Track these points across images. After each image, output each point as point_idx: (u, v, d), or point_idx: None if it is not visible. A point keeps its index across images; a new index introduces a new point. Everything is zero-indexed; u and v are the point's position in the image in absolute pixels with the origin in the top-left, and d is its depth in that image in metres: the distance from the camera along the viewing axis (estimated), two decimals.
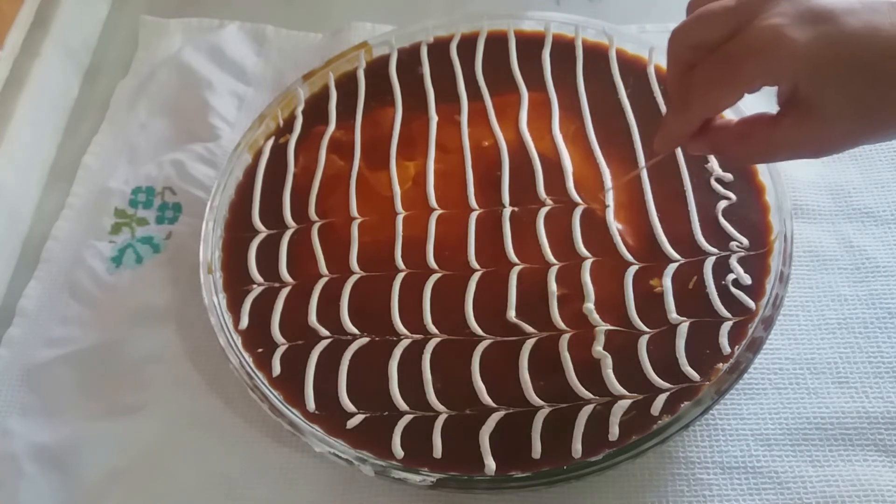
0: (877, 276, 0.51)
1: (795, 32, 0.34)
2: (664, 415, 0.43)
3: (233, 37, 0.67)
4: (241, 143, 0.56)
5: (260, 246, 0.53)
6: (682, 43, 0.38)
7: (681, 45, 0.38)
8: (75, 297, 0.55)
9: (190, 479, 0.47)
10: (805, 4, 0.34)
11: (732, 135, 0.39)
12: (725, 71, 0.36)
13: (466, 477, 0.43)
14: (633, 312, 0.47)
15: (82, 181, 0.61)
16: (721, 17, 0.36)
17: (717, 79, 0.36)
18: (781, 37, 0.34)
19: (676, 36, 0.38)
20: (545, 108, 0.56)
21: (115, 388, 0.51)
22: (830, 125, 0.35)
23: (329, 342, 0.48)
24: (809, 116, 0.35)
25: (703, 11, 0.37)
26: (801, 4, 0.34)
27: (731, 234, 0.49)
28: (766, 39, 0.34)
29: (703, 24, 0.37)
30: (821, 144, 0.37)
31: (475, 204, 0.52)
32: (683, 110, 0.39)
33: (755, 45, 0.35)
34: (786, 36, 0.34)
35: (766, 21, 0.34)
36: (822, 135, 0.36)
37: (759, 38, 0.35)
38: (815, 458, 0.45)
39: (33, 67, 0.61)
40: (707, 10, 0.37)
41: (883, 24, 0.33)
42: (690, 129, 0.39)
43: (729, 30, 0.36)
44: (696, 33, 0.37)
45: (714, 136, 0.40)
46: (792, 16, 0.34)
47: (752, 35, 0.35)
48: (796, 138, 0.37)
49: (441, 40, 0.60)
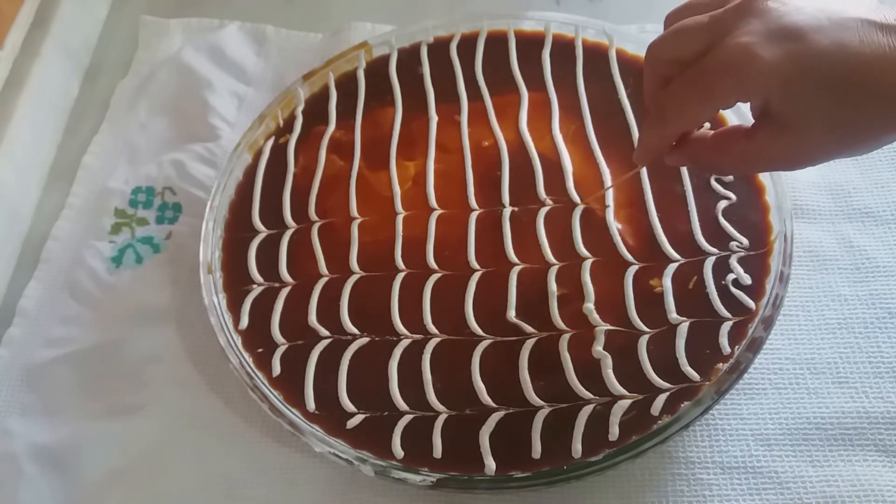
0: (877, 276, 0.51)
1: (765, 50, 0.34)
2: (664, 415, 0.43)
3: (233, 37, 0.67)
4: (241, 143, 0.56)
5: (260, 246, 0.53)
6: (658, 57, 0.39)
7: (657, 59, 0.39)
8: (75, 297, 0.55)
9: (190, 479, 0.47)
10: (775, 23, 0.35)
11: (709, 147, 0.40)
12: (699, 87, 0.36)
13: (466, 477, 0.43)
14: (633, 312, 0.47)
15: (82, 181, 0.61)
16: (695, 32, 0.37)
17: (691, 94, 0.37)
18: (752, 55, 0.34)
19: (652, 50, 0.39)
20: (545, 108, 0.56)
21: (115, 388, 0.51)
22: (803, 139, 0.36)
23: (329, 342, 0.48)
24: (782, 131, 0.36)
25: (678, 27, 0.38)
26: (772, 22, 0.35)
27: (731, 234, 0.49)
28: (737, 57, 0.35)
29: (678, 40, 0.38)
30: (795, 157, 0.37)
31: (475, 204, 0.52)
32: (660, 124, 0.39)
33: (727, 63, 0.35)
34: (756, 54, 0.34)
35: (737, 39, 0.35)
36: (795, 148, 0.37)
37: (730, 55, 0.35)
38: (815, 458, 0.45)
39: (33, 67, 0.61)
40: (682, 25, 0.38)
41: (851, 41, 0.34)
42: (667, 143, 0.40)
43: (703, 46, 0.36)
44: (671, 48, 0.38)
45: (691, 148, 0.41)
46: (762, 34, 0.35)
47: (723, 52, 0.35)
48: (771, 151, 0.37)
49: (441, 40, 0.60)
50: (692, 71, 0.37)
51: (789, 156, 0.37)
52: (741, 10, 0.36)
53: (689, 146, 0.41)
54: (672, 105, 0.38)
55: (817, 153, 0.37)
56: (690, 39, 0.37)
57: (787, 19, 0.35)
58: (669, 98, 0.38)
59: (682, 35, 0.38)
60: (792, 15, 0.35)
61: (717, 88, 0.36)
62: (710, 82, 0.36)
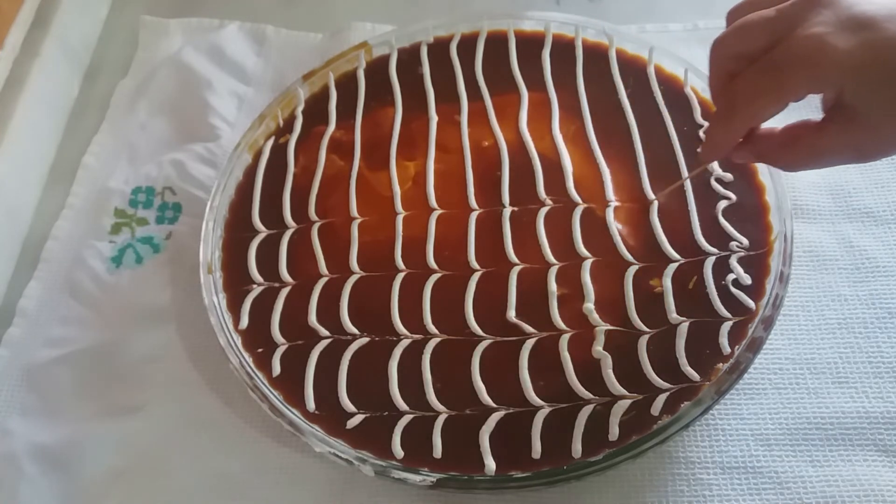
0: (877, 276, 0.51)
1: (838, 40, 0.34)
2: (664, 415, 0.43)
3: (233, 37, 0.67)
4: (241, 143, 0.56)
5: (260, 246, 0.53)
6: (724, 53, 0.39)
7: (722, 55, 0.39)
8: (75, 297, 0.55)
9: (190, 479, 0.47)
10: (846, 12, 0.35)
11: (777, 142, 0.40)
12: (770, 80, 0.36)
13: (466, 477, 0.43)
14: (633, 312, 0.47)
15: (82, 181, 0.61)
16: (762, 27, 0.37)
17: (761, 88, 0.37)
18: (825, 45, 0.34)
19: (718, 46, 0.39)
20: (545, 108, 0.56)
21: (115, 388, 0.51)
22: (876, 131, 0.36)
23: (329, 342, 0.48)
24: (854, 122, 0.36)
25: (743, 22, 0.38)
26: (843, 12, 0.35)
27: (731, 234, 0.49)
28: (810, 48, 0.35)
29: (745, 35, 0.38)
30: (867, 149, 0.37)
31: (475, 204, 0.52)
32: (728, 120, 0.39)
33: (799, 54, 0.35)
34: (829, 44, 0.34)
35: (808, 30, 0.35)
36: (867, 140, 0.37)
37: (802, 46, 0.35)
38: (815, 458, 0.45)
39: (33, 67, 0.61)
40: (748, 20, 0.38)
41: None
42: (735, 139, 0.40)
43: (770, 40, 0.36)
44: (737, 43, 0.38)
45: (758, 143, 0.41)
46: (834, 24, 0.35)
47: (795, 44, 0.35)
48: (842, 144, 0.37)
49: (441, 40, 0.60)
50: (761, 64, 0.36)
51: (861, 148, 0.37)
52: (810, 2, 0.36)
53: (757, 142, 0.41)
54: (741, 99, 0.38)
55: (890, 144, 0.37)
56: (757, 33, 0.37)
57: (858, 9, 0.35)
58: (738, 92, 0.38)
59: (748, 29, 0.38)
60: (862, 4, 0.35)
61: (789, 80, 0.36)
62: (781, 74, 0.36)
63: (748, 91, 0.37)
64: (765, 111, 0.38)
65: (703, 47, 0.62)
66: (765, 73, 0.37)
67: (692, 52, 0.58)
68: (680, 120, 0.54)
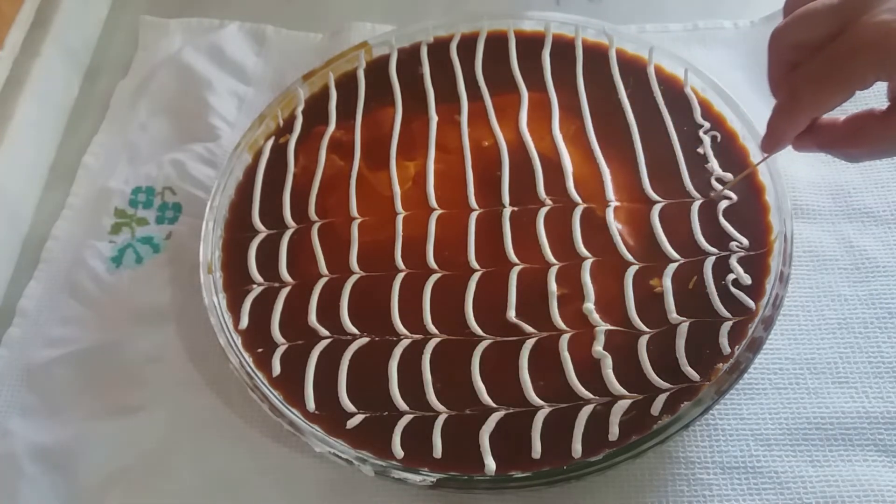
0: (877, 276, 0.51)
1: None
2: (664, 415, 0.43)
3: (233, 37, 0.67)
4: (241, 143, 0.56)
5: (260, 246, 0.53)
6: (784, 42, 0.38)
7: (783, 44, 0.38)
8: (75, 297, 0.55)
9: (190, 479, 0.47)
10: None
11: (841, 132, 0.40)
12: (835, 68, 0.36)
13: (466, 477, 0.43)
14: (633, 312, 0.47)
15: (82, 181, 0.61)
16: (825, 15, 0.37)
17: (826, 77, 0.36)
18: (893, 31, 0.34)
19: (777, 35, 0.39)
20: (545, 108, 0.56)
21: (115, 388, 0.51)
22: None
23: (329, 342, 0.48)
24: None
25: (805, 11, 0.37)
26: None
27: (731, 234, 0.49)
28: (879, 34, 0.34)
29: (806, 23, 0.37)
30: None
31: (475, 204, 0.52)
32: (791, 110, 0.38)
33: (867, 41, 0.35)
34: None
35: (876, 17, 0.35)
36: None
37: (871, 32, 0.35)
38: (815, 457, 0.45)
39: (33, 67, 0.61)
40: (809, 8, 0.37)
41: None
42: (798, 129, 0.39)
43: (833, 28, 0.36)
44: (798, 32, 0.38)
45: (821, 133, 0.40)
46: None
47: (862, 31, 0.35)
48: None
49: (441, 40, 0.60)
50: (827, 52, 0.36)
51: None
52: None
53: (820, 132, 0.40)
54: (805, 89, 0.37)
55: None
56: (820, 21, 0.37)
57: None
58: (802, 82, 0.37)
59: (810, 18, 0.37)
60: None
61: (856, 68, 0.35)
62: (847, 62, 0.35)
63: (813, 80, 0.37)
64: (830, 100, 0.37)
65: (703, 47, 0.63)
66: (830, 61, 0.36)
67: (692, 52, 0.58)
68: (680, 120, 0.54)
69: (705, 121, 0.54)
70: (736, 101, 0.53)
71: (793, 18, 0.38)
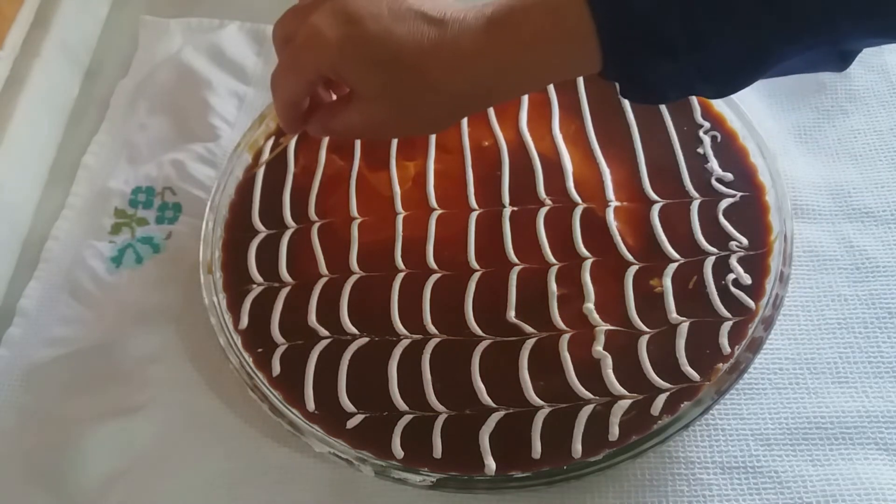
0: (877, 276, 0.51)
1: (330, 31, 0.39)
2: (664, 415, 0.43)
3: (233, 37, 0.67)
4: (241, 143, 0.56)
5: (260, 246, 0.53)
6: (274, 36, 0.44)
7: (273, 37, 0.44)
8: (75, 297, 0.55)
9: (190, 479, 0.47)
10: (342, 10, 0.39)
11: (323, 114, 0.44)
12: (291, 60, 0.42)
13: (466, 477, 0.43)
14: (633, 312, 0.47)
15: (82, 181, 0.61)
16: (293, 13, 0.42)
17: (285, 68, 0.42)
18: (319, 34, 0.39)
19: (274, 30, 0.43)
20: (545, 108, 0.56)
21: (115, 388, 0.51)
22: (375, 108, 0.40)
23: (329, 342, 0.48)
24: (358, 100, 0.41)
25: (290, 9, 0.43)
26: (339, 9, 0.39)
27: (731, 234, 0.49)
28: (309, 36, 0.40)
29: (285, 20, 0.43)
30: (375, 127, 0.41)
31: (475, 204, 0.52)
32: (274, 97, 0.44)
33: (303, 40, 0.40)
34: (322, 33, 0.39)
35: (312, 20, 0.40)
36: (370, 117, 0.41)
37: (305, 34, 0.40)
38: (816, 457, 0.45)
39: (33, 67, 0.61)
40: (291, 8, 0.43)
41: (398, 29, 0.38)
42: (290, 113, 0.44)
43: (296, 26, 0.41)
44: (281, 28, 0.43)
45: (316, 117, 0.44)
46: (329, 17, 0.39)
47: (303, 30, 0.40)
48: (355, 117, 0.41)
49: None
50: (287, 47, 0.42)
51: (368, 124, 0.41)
52: None
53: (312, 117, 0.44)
54: (275, 78, 0.43)
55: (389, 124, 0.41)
56: (291, 19, 0.42)
57: (351, 6, 0.39)
58: (274, 72, 0.43)
59: (288, 15, 0.43)
60: (355, 3, 0.39)
61: (299, 61, 0.41)
62: (296, 56, 0.41)
63: (279, 70, 0.42)
64: (294, 88, 0.42)
65: None
66: (287, 55, 0.42)
67: None
68: (680, 120, 0.54)
69: (705, 121, 0.54)
70: (736, 101, 0.53)
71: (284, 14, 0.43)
